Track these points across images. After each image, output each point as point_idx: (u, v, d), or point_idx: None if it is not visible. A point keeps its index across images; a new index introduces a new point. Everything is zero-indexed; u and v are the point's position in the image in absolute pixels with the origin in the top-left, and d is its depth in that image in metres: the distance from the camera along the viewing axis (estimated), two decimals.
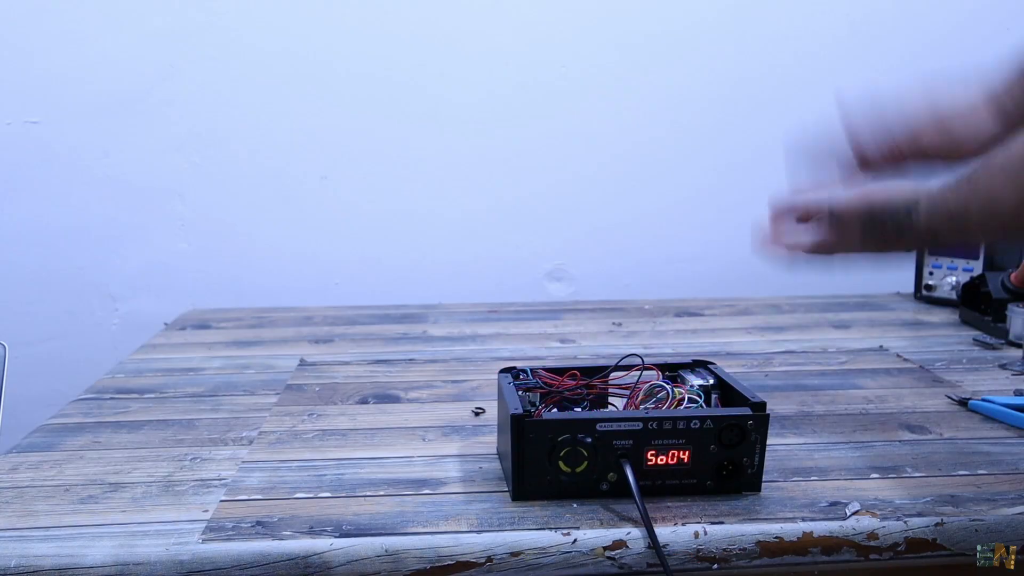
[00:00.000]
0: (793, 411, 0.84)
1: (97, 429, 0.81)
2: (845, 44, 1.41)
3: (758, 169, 1.45)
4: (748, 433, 0.64)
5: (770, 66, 1.40)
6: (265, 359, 1.04)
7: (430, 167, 1.40)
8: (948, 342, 1.07)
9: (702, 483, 0.65)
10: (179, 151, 1.36)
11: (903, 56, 1.39)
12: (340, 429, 0.80)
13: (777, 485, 0.67)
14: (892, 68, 1.39)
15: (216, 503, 0.65)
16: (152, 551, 0.58)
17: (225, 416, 0.84)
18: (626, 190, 1.44)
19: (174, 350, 1.09)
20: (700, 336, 1.13)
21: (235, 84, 1.35)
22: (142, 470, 0.72)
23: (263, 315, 1.26)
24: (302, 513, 0.63)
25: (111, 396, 0.91)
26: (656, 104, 1.42)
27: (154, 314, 1.35)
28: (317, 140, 1.38)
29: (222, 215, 1.39)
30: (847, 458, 0.72)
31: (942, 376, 0.94)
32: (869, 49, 1.41)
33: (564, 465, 0.63)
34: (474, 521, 0.62)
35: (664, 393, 0.68)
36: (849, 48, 1.41)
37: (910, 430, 0.79)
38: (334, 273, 1.43)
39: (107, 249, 1.39)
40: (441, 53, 1.36)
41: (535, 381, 0.71)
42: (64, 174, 1.36)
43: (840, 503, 0.64)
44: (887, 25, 1.41)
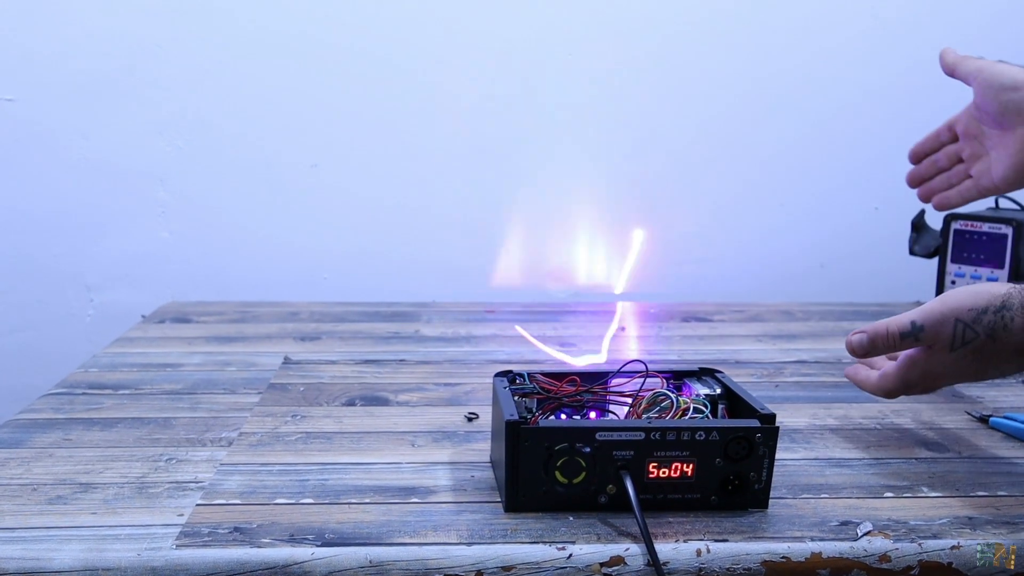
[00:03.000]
0: (804, 424, 0.84)
1: (68, 426, 0.81)
2: (870, 40, 1.41)
3: (776, 169, 1.47)
4: (756, 446, 0.64)
5: (791, 63, 1.41)
6: (247, 356, 1.04)
7: (427, 157, 1.40)
8: None
9: (706, 498, 0.65)
10: (162, 134, 1.36)
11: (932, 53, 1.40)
12: (325, 432, 0.80)
13: (785, 502, 0.67)
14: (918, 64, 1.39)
15: (192, 507, 0.65)
16: (123, 556, 0.58)
17: (204, 415, 0.84)
18: (632, 186, 1.44)
19: (151, 344, 1.09)
20: (707, 343, 1.13)
21: (223, 65, 1.35)
22: (115, 470, 0.71)
23: (246, 309, 1.26)
24: (283, 520, 0.63)
25: (83, 391, 0.90)
26: (669, 96, 1.42)
27: (131, 306, 1.35)
28: (308, 126, 1.38)
29: (206, 203, 1.39)
30: (860, 475, 0.72)
31: (962, 391, 0.94)
32: (893, 47, 1.41)
33: (561, 476, 0.63)
34: (464, 532, 0.62)
35: (668, 402, 0.68)
36: (873, 45, 1.41)
37: (927, 447, 0.79)
38: (322, 267, 1.43)
39: (83, 236, 1.39)
40: (441, 37, 1.36)
41: (532, 386, 0.71)
42: (40, 156, 1.36)
43: (851, 523, 0.64)
44: (912, 23, 1.41)
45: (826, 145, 1.45)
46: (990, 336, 0.61)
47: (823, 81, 1.42)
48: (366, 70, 1.36)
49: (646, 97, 1.41)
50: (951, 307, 0.64)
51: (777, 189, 1.47)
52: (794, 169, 1.46)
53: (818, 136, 1.45)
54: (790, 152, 1.45)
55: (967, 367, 0.64)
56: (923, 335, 0.65)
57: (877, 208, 1.47)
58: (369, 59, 1.36)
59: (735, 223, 1.47)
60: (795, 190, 1.46)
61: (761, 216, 1.48)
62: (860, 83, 1.42)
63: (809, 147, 1.45)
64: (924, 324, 0.64)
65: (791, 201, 1.47)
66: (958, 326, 0.63)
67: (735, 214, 1.47)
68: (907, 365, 0.68)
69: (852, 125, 1.44)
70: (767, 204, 1.48)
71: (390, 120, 1.38)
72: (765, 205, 1.48)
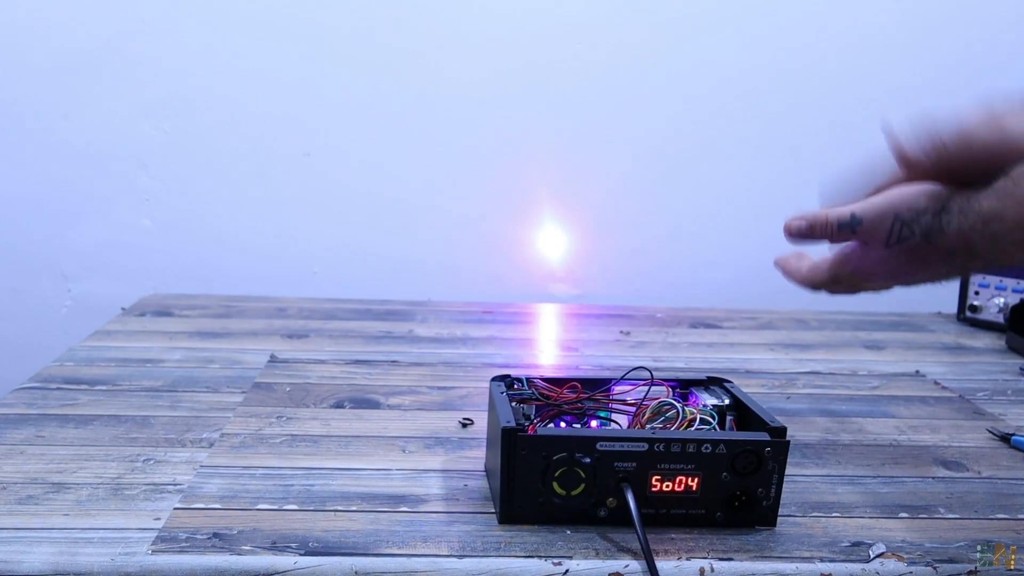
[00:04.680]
0: (816, 439, 0.84)
1: (41, 422, 0.81)
2: (892, 39, 1.41)
3: (794, 168, 1.46)
4: (765, 461, 0.64)
5: (812, 57, 1.41)
6: (231, 353, 1.04)
7: (425, 148, 1.40)
8: (992, 370, 1.07)
9: (711, 514, 0.65)
10: (147, 117, 1.36)
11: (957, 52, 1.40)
12: (311, 435, 0.80)
13: (794, 520, 0.67)
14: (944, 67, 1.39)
15: (169, 511, 0.65)
16: (96, 560, 0.58)
17: (184, 414, 0.84)
18: (642, 184, 1.44)
19: (131, 338, 1.09)
20: (716, 351, 1.13)
21: (212, 45, 1.35)
22: (89, 470, 0.71)
23: (232, 304, 1.26)
24: (265, 526, 0.63)
25: (58, 386, 0.90)
26: (679, 91, 1.42)
27: (110, 297, 1.35)
28: (301, 112, 1.38)
29: (191, 190, 1.39)
30: (874, 494, 0.72)
31: (984, 408, 0.94)
32: (921, 42, 1.41)
33: (559, 487, 0.63)
34: (456, 544, 0.62)
35: (673, 412, 0.68)
36: (900, 40, 1.41)
37: (945, 466, 0.79)
38: (312, 260, 1.43)
39: (61, 222, 1.39)
40: (444, 22, 1.36)
41: (531, 392, 0.71)
42: (17, 138, 1.36)
43: (863, 543, 0.64)
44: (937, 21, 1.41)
45: (849, 144, 1.44)
46: (925, 237, 0.62)
47: (846, 76, 1.42)
48: (365, 55, 1.36)
49: (655, 93, 1.41)
50: (892, 204, 0.65)
51: (795, 189, 1.46)
52: (814, 168, 1.45)
53: (841, 134, 1.44)
54: (809, 150, 1.45)
55: (898, 267, 0.65)
56: (860, 228, 0.66)
57: None
58: (369, 43, 1.36)
59: (749, 224, 1.47)
60: (809, 192, 1.46)
61: (777, 217, 1.47)
62: (885, 79, 1.42)
63: (831, 145, 1.45)
64: (863, 217, 0.66)
65: (806, 204, 1.46)
66: (896, 223, 0.64)
67: (749, 214, 1.47)
68: (839, 259, 0.69)
69: (869, 126, 1.44)
70: (784, 205, 1.47)
71: (388, 108, 1.38)
72: (782, 206, 1.47)
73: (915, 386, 1.01)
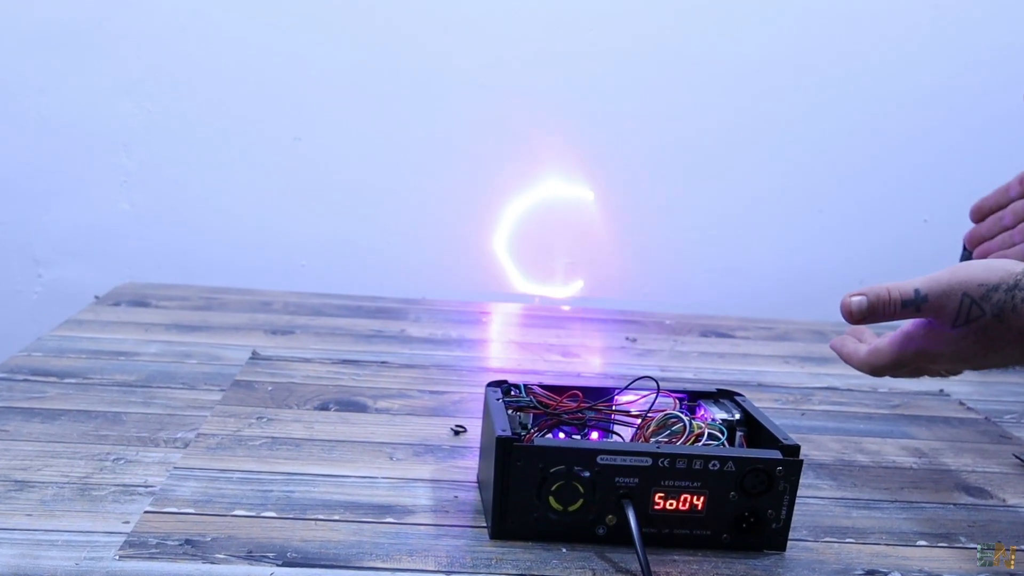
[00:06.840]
0: (831, 459, 0.84)
1: (5, 415, 0.81)
2: (925, 35, 1.41)
3: (815, 172, 1.47)
4: (776, 481, 0.64)
5: (835, 57, 1.41)
6: (211, 348, 1.04)
7: (423, 137, 1.40)
8: (1020, 391, 1.07)
9: (717, 536, 0.65)
10: (129, 94, 1.36)
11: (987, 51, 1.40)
12: (293, 438, 0.80)
13: (805, 545, 0.67)
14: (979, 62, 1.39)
15: (139, 514, 0.65)
16: (59, 564, 0.58)
17: (158, 412, 0.84)
18: (655, 182, 1.44)
19: (104, 329, 1.09)
20: (728, 361, 1.13)
21: (200, 19, 1.35)
22: (55, 468, 0.71)
23: (213, 296, 1.26)
24: (240, 534, 0.63)
25: (24, 377, 0.90)
26: (692, 90, 1.42)
27: (84, 284, 1.35)
28: (293, 93, 1.38)
29: (173, 173, 1.39)
30: (891, 519, 0.72)
31: (1011, 432, 0.94)
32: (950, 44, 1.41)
33: (555, 502, 0.63)
34: (443, 560, 0.62)
35: (680, 425, 0.68)
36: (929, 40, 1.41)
37: (968, 492, 0.79)
38: (300, 252, 1.43)
39: (34, 204, 1.39)
40: (448, 5, 1.36)
41: (528, 399, 0.71)
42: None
43: (879, 572, 0.64)
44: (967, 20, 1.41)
45: (872, 148, 1.46)
46: (997, 316, 0.61)
47: (871, 77, 1.42)
48: (361, 37, 1.36)
49: (666, 92, 1.41)
50: (960, 279, 0.63)
51: (815, 194, 1.47)
52: (835, 173, 1.46)
53: (864, 137, 1.45)
54: (831, 154, 1.45)
55: (967, 348, 0.64)
56: (925, 306, 0.64)
57: (926, 220, 1.47)
58: (366, 26, 1.36)
59: (766, 229, 1.47)
60: (836, 196, 1.47)
61: (796, 223, 1.48)
62: (913, 81, 1.42)
63: (853, 149, 1.45)
64: (928, 294, 0.64)
65: (831, 208, 1.47)
66: (965, 300, 0.63)
67: (766, 219, 1.47)
68: (902, 340, 0.67)
69: (902, 127, 1.45)
70: (803, 210, 1.48)
71: (387, 92, 1.38)
72: (801, 211, 1.48)
73: (938, 406, 1.01)
